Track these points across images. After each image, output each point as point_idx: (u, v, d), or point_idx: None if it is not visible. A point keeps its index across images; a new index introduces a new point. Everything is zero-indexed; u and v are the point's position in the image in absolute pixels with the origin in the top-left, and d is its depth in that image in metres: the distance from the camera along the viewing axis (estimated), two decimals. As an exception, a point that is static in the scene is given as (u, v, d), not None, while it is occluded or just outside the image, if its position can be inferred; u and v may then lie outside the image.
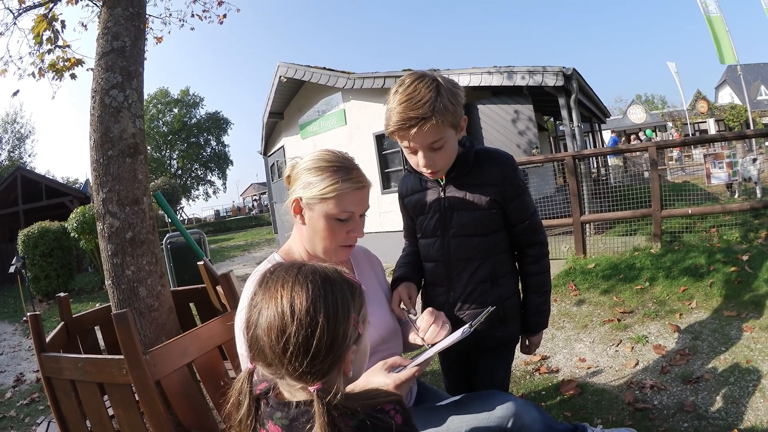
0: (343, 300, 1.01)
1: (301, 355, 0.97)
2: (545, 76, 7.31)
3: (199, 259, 3.13)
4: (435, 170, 1.71)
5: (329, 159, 1.51)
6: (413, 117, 1.54)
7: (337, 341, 0.99)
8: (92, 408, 2.20)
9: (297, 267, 1.05)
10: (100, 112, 2.64)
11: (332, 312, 0.99)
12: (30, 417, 4.33)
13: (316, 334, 0.96)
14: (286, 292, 0.99)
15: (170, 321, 2.67)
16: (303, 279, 1.01)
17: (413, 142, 1.62)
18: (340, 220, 1.50)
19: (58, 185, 19.20)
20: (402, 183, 2.00)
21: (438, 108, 1.54)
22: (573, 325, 4.48)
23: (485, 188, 1.76)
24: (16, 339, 7.86)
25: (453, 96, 1.59)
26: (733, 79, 32.63)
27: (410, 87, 1.57)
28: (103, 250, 2.60)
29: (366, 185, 1.52)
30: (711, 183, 7.28)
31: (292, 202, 1.54)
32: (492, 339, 1.88)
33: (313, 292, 0.99)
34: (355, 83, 9.03)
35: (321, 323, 0.97)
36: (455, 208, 1.79)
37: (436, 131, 1.58)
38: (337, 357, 1.00)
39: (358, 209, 1.52)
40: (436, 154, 1.65)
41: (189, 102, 47.50)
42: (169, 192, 26.31)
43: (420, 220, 1.90)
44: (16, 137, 34.98)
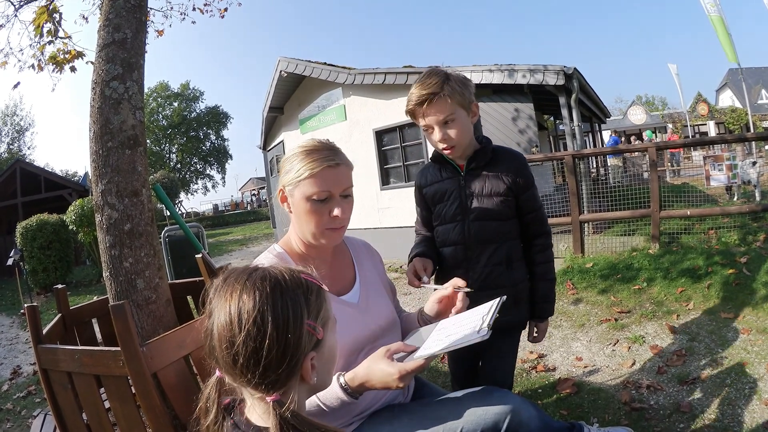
0: (295, 307, 0.97)
1: (252, 366, 0.95)
2: (546, 74, 7.31)
3: (197, 252, 3.13)
4: (451, 145, 1.89)
5: (306, 144, 1.56)
6: (425, 93, 1.80)
7: (289, 350, 0.96)
8: (88, 400, 2.20)
9: (248, 273, 1.01)
10: (101, 103, 2.63)
11: (281, 321, 0.95)
12: (26, 409, 4.33)
13: (265, 344, 0.93)
14: (234, 300, 0.96)
15: (168, 313, 2.67)
16: (251, 286, 0.97)
17: (427, 117, 1.85)
18: (318, 201, 1.51)
19: (57, 178, 19.17)
20: (420, 175, 2.17)
21: (447, 86, 1.80)
22: (570, 324, 4.49)
23: (502, 179, 1.95)
24: (13, 332, 7.87)
25: (460, 82, 1.84)
26: (734, 82, 32.63)
27: (425, 74, 1.86)
28: (101, 241, 2.59)
29: (340, 163, 1.53)
30: (710, 185, 7.28)
31: (278, 192, 1.60)
32: (505, 321, 1.93)
33: (260, 301, 0.95)
34: (356, 79, 9.02)
35: (270, 333, 0.93)
36: (475, 195, 1.97)
37: (445, 106, 1.81)
38: (292, 366, 0.97)
39: (334, 188, 1.51)
40: (449, 129, 1.85)
41: (189, 96, 47.40)
42: (168, 185, 26.24)
43: (439, 207, 2.06)
44: (15, 130, 34.87)
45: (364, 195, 9.31)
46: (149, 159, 3.28)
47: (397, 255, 8.58)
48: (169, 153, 46.83)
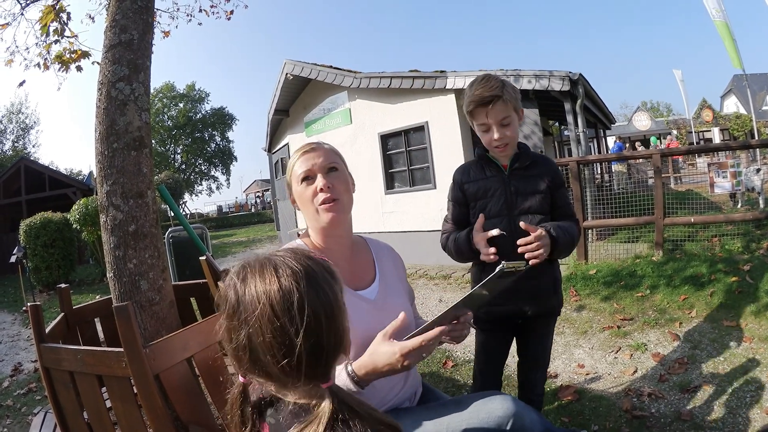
0: (332, 290, 0.97)
1: (314, 361, 0.93)
2: (552, 80, 7.30)
3: (201, 253, 3.13)
4: (504, 144, 2.06)
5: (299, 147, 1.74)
6: (488, 95, 1.98)
7: (340, 333, 0.97)
8: (90, 400, 2.21)
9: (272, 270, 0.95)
10: (106, 104, 2.64)
11: (330, 308, 0.95)
12: (27, 407, 4.34)
13: (323, 335, 0.93)
14: (277, 302, 0.92)
15: (171, 315, 2.68)
16: (288, 284, 0.93)
17: (490, 116, 2.02)
18: (305, 181, 1.64)
19: (61, 176, 19.21)
20: (461, 172, 2.28)
21: (506, 90, 2.00)
22: (573, 331, 4.48)
23: (542, 178, 2.15)
24: (15, 328, 7.87)
25: (513, 88, 2.06)
26: (738, 88, 32.54)
27: (484, 78, 2.05)
28: (106, 242, 2.60)
29: (316, 147, 1.68)
30: (714, 192, 7.26)
31: (289, 194, 1.76)
32: (548, 306, 2.21)
33: (304, 295, 0.92)
34: (362, 82, 9.01)
35: (324, 324, 0.93)
36: (520, 192, 2.13)
37: (505, 108, 2.01)
38: (343, 347, 0.98)
39: (314, 165, 1.64)
40: (506, 129, 2.04)
41: (195, 97, 47.45)
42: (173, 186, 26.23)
43: (480, 203, 2.18)
44: (20, 127, 34.86)
45: (368, 199, 9.30)
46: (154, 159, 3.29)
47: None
48: (174, 153, 46.88)
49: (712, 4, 13.87)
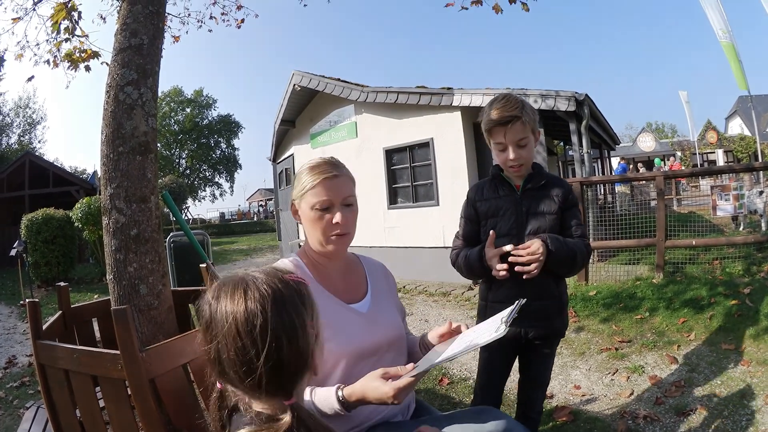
0: (298, 314, 1.01)
1: (275, 380, 0.98)
2: (557, 100, 7.32)
3: (201, 260, 3.14)
4: (519, 164, 2.09)
5: (312, 161, 1.69)
6: (508, 115, 2.00)
7: (304, 356, 1.01)
8: (84, 399, 2.20)
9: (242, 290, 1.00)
10: (114, 107, 2.66)
11: (292, 332, 0.98)
12: (19, 400, 4.35)
13: (284, 357, 0.97)
14: (241, 321, 0.97)
15: (169, 320, 2.68)
16: (253, 305, 0.97)
17: (507, 136, 2.04)
18: (321, 210, 1.62)
19: (65, 174, 19.27)
20: (475, 190, 2.31)
21: (526, 111, 2.03)
22: (570, 352, 4.47)
23: (554, 199, 2.15)
24: (11, 322, 7.89)
25: (532, 109, 2.09)
26: (743, 110, 32.56)
27: (505, 97, 2.06)
28: (107, 244, 2.61)
29: (339, 175, 1.64)
30: (717, 215, 7.26)
31: (291, 206, 1.73)
32: (553, 328, 2.22)
33: (268, 318, 0.96)
34: (369, 96, 9.04)
35: (285, 348, 0.97)
36: (531, 213, 2.15)
37: (523, 130, 2.03)
38: (307, 368, 1.03)
39: (334, 196, 1.62)
40: (523, 150, 2.06)
41: (202, 103, 47.65)
42: (176, 191, 26.32)
43: (491, 222, 2.20)
44: (27, 122, 34.84)
45: (371, 213, 9.29)
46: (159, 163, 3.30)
47: (400, 275, 8.55)
48: (178, 158, 47.00)
49: (718, 25, 13.92)
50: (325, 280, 1.70)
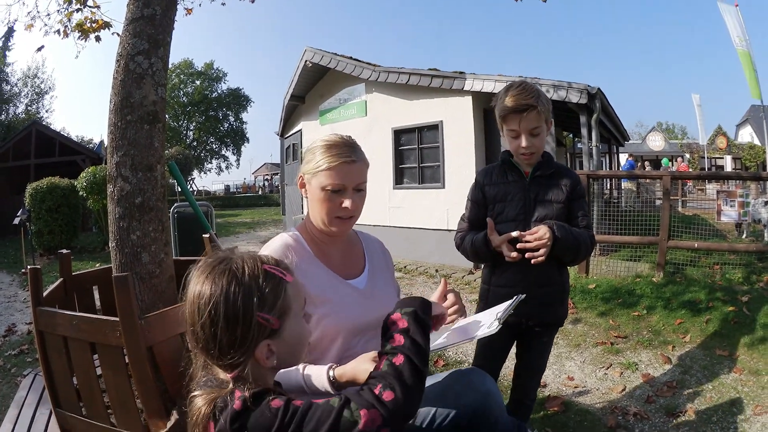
0: (246, 301, 1.05)
1: (210, 349, 1.06)
2: (570, 92, 7.27)
3: (204, 231, 3.15)
4: (531, 152, 2.11)
5: (329, 138, 1.67)
6: (524, 104, 2.02)
7: (238, 340, 1.05)
8: (81, 366, 2.23)
9: (214, 264, 1.11)
10: (124, 76, 2.65)
11: (232, 313, 1.04)
12: (17, 368, 4.37)
13: (218, 332, 1.04)
14: (197, 290, 1.08)
15: (169, 289, 2.70)
16: (212, 279, 1.07)
17: (522, 124, 2.06)
18: (332, 192, 1.61)
19: (72, 143, 19.17)
20: (484, 174, 2.33)
21: (541, 101, 2.05)
22: (566, 343, 4.49)
23: (562, 188, 2.18)
24: (12, 290, 7.92)
25: (547, 100, 2.11)
26: (754, 119, 32.22)
27: (521, 85, 2.08)
28: (111, 212, 2.62)
29: (356, 160, 1.63)
30: (721, 220, 7.23)
31: (298, 178, 1.72)
32: (554, 316, 2.27)
33: (216, 294, 1.05)
34: (380, 76, 9.00)
35: (221, 324, 1.04)
36: (539, 200, 2.17)
37: (538, 119, 2.06)
38: (244, 353, 1.06)
39: (348, 182, 1.61)
40: (535, 138, 2.09)
41: (212, 75, 47.36)
42: (182, 162, 26.27)
43: (498, 206, 2.21)
44: (35, 92, 34.63)
45: (376, 192, 9.25)
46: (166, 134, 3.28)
47: (402, 255, 8.58)
48: (186, 130, 46.83)
49: (736, 32, 13.76)
50: (324, 256, 1.71)
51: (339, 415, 1.01)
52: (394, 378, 1.09)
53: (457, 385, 1.59)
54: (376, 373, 1.13)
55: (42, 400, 2.78)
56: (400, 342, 1.19)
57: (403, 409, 1.06)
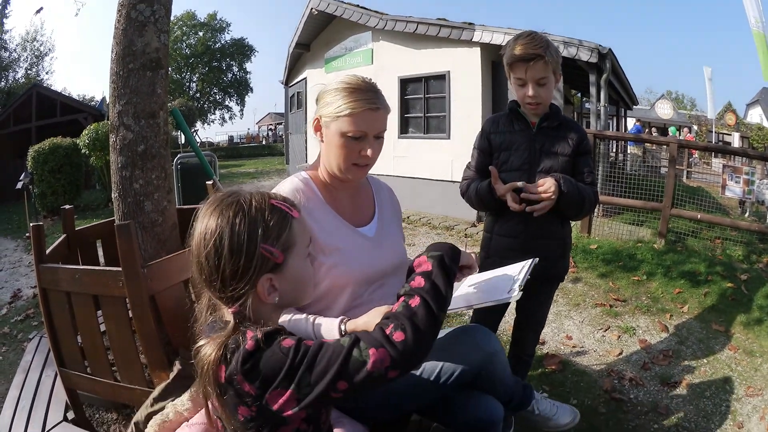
0: (251, 231, 1.06)
1: (213, 280, 1.07)
2: (580, 50, 7.13)
3: (208, 179, 3.12)
4: (537, 102, 2.10)
5: (349, 81, 1.59)
6: (532, 53, 2.00)
7: (240, 270, 1.05)
8: (85, 322, 2.22)
9: (222, 198, 1.12)
10: (125, 25, 2.58)
11: (236, 243, 1.05)
12: (23, 333, 4.40)
13: (222, 263, 1.05)
14: (204, 222, 1.09)
15: (172, 237, 2.69)
16: (219, 211, 1.08)
17: (528, 73, 2.04)
18: (353, 138, 1.55)
19: (73, 102, 18.87)
20: (491, 122, 2.30)
21: (550, 52, 2.02)
22: (566, 301, 4.52)
23: (568, 141, 2.17)
24: (17, 255, 7.90)
25: (556, 51, 2.08)
26: (765, 100, 31.72)
27: (531, 35, 2.06)
28: (113, 162, 2.59)
29: (380, 107, 1.57)
30: (725, 194, 7.18)
31: (314, 120, 1.64)
32: (554, 269, 2.25)
33: (221, 224, 1.06)
34: (387, 24, 8.85)
35: (224, 254, 1.05)
36: (545, 151, 2.16)
37: (545, 69, 2.03)
38: (245, 284, 1.06)
39: (370, 129, 1.56)
40: (542, 89, 2.07)
41: (215, 26, 46.44)
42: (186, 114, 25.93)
43: (504, 155, 2.20)
44: (34, 55, 33.78)
45: (381, 140, 9.22)
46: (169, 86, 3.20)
47: (405, 205, 8.55)
48: (189, 82, 46.19)
49: (752, 12, 13.39)
50: (335, 202, 1.67)
51: (348, 355, 1.01)
52: (407, 319, 1.07)
53: (461, 344, 1.59)
54: (390, 314, 1.12)
55: (47, 362, 2.79)
56: (420, 284, 1.17)
57: (413, 351, 1.04)
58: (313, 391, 0.99)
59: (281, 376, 0.98)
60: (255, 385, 0.99)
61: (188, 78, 45.86)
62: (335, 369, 0.99)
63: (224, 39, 47.09)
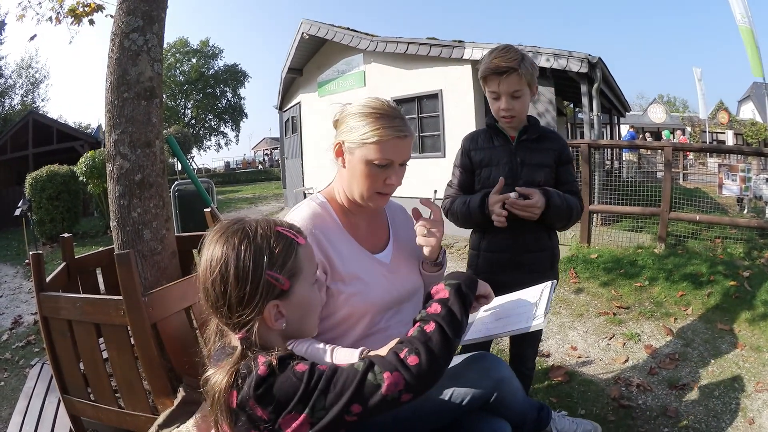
0: (257, 258, 1.07)
1: (219, 307, 1.09)
2: (570, 61, 7.19)
3: (206, 206, 3.13)
4: (512, 116, 2.09)
5: (375, 106, 1.56)
6: (505, 65, 1.99)
7: (246, 297, 1.07)
8: (87, 349, 2.22)
9: (228, 225, 1.14)
10: (119, 54, 2.61)
11: (242, 270, 1.06)
12: (24, 359, 4.38)
13: (228, 289, 1.07)
14: (210, 249, 1.11)
15: (172, 265, 2.69)
16: (225, 238, 1.10)
17: (502, 86, 2.03)
18: (378, 167, 1.52)
19: (69, 129, 19.09)
20: (470, 139, 2.31)
21: (524, 64, 2.00)
22: (569, 313, 4.51)
23: (549, 152, 2.18)
24: (17, 281, 7.92)
25: (532, 64, 2.06)
26: (757, 96, 31.83)
27: (505, 48, 2.05)
28: (111, 191, 2.60)
29: (408, 135, 1.55)
30: (722, 193, 7.20)
31: (335, 145, 1.60)
32: (542, 281, 2.12)
33: (227, 251, 1.08)
34: (378, 46, 8.93)
35: (231, 281, 1.06)
36: (526, 163, 2.15)
37: (519, 82, 2.02)
38: (252, 311, 1.08)
39: (397, 157, 1.54)
40: (516, 102, 2.06)
41: (208, 53, 46.83)
42: (181, 141, 26.02)
43: (485, 171, 2.20)
44: (30, 82, 34.11)
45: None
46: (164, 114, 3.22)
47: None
48: (184, 109, 46.49)
49: (738, 8, 13.54)
50: (352, 227, 1.65)
51: (363, 379, 1.01)
52: (421, 343, 1.08)
53: (472, 371, 1.55)
54: (404, 338, 1.13)
55: (50, 389, 2.79)
56: (436, 310, 1.18)
57: (427, 375, 1.05)
58: (327, 415, 0.99)
59: (295, 401, 0.99)
60: (268, 410, 0.99)
61: (183, 105, 46.19)
62: (350, 392, 1.00)
63: (217, 65, 47.51)
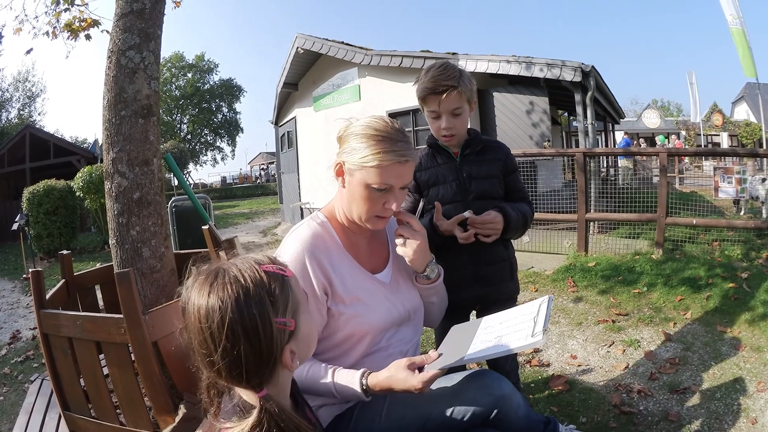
0: (261, 310, 0.98)
1: (236, 375, 0.99)
2: (564, 70, 7.25)
3: (204, 223, 3.14)
4: (452, 134, 2.07)
5: (378, 127, 1.51)
6: (444, 84, 1.96)
7: (265, 353, 0.99)
8: (87, 366, 2.23)
9: (211, 281, 1.01)
10: (116, 72, 2.64)
11: (251, 329, 0.97)
12: (23, 374, 4.36)
13: (241, 354, 0.96)
14: (203, 316, 0.98)
15: (171, 283, 2.70)
16: (216, 299, 0.98)
17: (442, 105, 2.00)
18: (377, 190, 1.50)
19: (66, 144, 19.17)
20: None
21: (462, 82, 1.98)
22: (568, 321, 4.51)
23: (494, 163, 2.18)
24: (14, 296, 7.89)
25: (470, 80, 2.03)
26: (750, 96, 32.07)
27: (442, 66, 2.02)
28: (110, 209, 2.62)
29: (410, 159, 1.52)
30: (718, 196, 7.24)
31: (336, 165, 1.57)
32: (506, 292, 2.23)
33: (228, 314, 0.96)
34: (372, 60, 9.00)
35: (243, 344, 0.96)
36: (473, 177, 2.14)
37: (459, 99, 1.99)
38: (272, 364, 1.01)
39: (397, 182, 1.51)
40: (456, 120, 2.04)
41: (203, 67, 47.06)
42: (178, 156, 26.20)
43: (433, 191, 2.17)
44: (26, 95, 34.21)
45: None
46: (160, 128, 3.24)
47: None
48: (180, 123, 46.59)
49: (729, 10, 13.69)
50: (353, 247, 1.65)
51: None
52: None
53: (472, 389, 1.54)
54: None
55: (50, 405, 2.77)
56: None
57: None
58: None
59: None
60: None
61: (179, 120, 46.36)
62: None
63: (213, 80, 47.75)
